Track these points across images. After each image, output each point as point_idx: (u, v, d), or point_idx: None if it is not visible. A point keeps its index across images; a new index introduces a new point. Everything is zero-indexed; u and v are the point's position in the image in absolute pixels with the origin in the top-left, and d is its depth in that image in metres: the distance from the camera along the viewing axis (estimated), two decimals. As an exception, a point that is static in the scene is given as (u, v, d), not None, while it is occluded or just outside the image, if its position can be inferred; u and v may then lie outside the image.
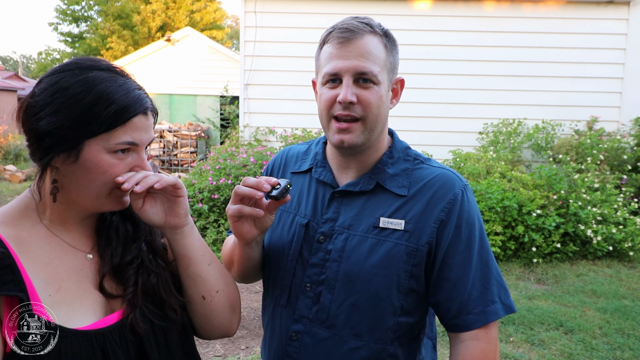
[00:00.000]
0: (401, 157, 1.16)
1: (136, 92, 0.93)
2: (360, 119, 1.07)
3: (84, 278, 0.95)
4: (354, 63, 1.05)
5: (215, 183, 5.60)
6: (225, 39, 32.91)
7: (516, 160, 6.49)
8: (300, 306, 1.13)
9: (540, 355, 3.34)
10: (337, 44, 1.07)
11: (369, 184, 1.13)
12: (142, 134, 0.94)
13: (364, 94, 1.06)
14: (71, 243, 0.96)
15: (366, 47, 1.05)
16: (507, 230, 5.10)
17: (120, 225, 1.03)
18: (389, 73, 1.10)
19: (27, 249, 0.90)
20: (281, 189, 1.00)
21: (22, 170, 11.46)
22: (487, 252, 1.12)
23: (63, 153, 0.89)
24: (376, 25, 1.09)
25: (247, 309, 4.15)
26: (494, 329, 1.10)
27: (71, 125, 0.87)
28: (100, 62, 0.93)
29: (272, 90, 7.01)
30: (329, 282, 1.10)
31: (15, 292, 0.83)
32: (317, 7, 6.89)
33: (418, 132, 6.72)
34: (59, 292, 0.90)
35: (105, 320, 0.93)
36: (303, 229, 1.16)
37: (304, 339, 1.12)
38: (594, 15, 6.77)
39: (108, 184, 0.92)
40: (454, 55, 6.87)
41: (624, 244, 5.15)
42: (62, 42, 32.01)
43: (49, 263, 0.91)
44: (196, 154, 12.63)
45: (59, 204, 0.94)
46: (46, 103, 0.87)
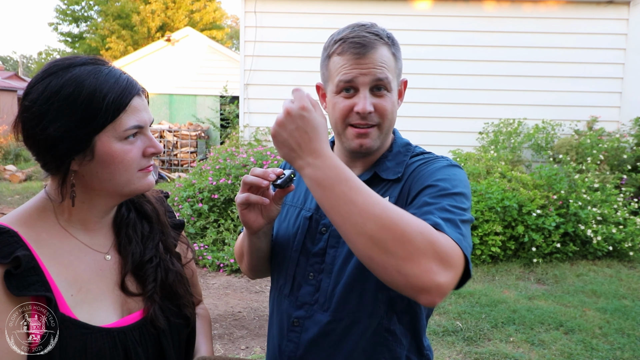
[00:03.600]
0: (401, 152, 1.21)
1: (124, 77, 0.94)
2: (376, 125, 1.12)
3: (103, 279, 0.97)
4: (371, 73, 1.10)
5: (215, 183, 5.60)
6: (225, 39, 32.91)
7: (516, 160, 6.49)
8: (302, 294, 1.17)
9: (540, 355, 3.34)
10: (352, 58, 1.10)
11: (366, 175, 1.18)
12: (143, 114, 0.96)
13: (380, 103, 1.11)
14: (89, 244, 0.98)
15: (380, 58, 1.10)
16: (507, 230, 5.10)
17: (138, 223, 1.06)
18: (397, 78, 1.16)
19: (48, 250, 0.90)
20: (285, 178, 1.04)
21: (22, 170, 11.45)
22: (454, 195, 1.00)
23: (78, 155, 0.89)
24: (383, 34, 1.13)
25: (247, 309, 4.15)
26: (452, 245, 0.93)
27: (78, 125, 0.87)
28: (76, 58, 0.93)
29: (272, 90, 7.01)
30: (327, 267, 1.15)
31: (43, 292, 0.84)
32: (317, 7, 6.89)
33: (418, 132, 6.71)
34: (80, 292, 0.92)
35: (126, 319, 0.96)
36: (307, 221, 1.20)
37: (305, 323, 1.15)
38: (594, 15, 6.77)
39: (130, 169, 0.94)
40: (454, 55, 6.87)
41: (624, 244, 5.15)
42: (62, 42, 32.03)
43: (69, 264, 0.93)
44: (196, 154, 12.63)
45: (82, 204, 0.95)
46: (44, 111, 0.87)
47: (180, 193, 5.79)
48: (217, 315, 3.99)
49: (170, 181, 10.34)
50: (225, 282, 4.78)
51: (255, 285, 4.67)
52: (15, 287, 0.82)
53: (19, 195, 9.10)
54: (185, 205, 5.60)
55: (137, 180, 0.96)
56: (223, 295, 4.44)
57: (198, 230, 5.54)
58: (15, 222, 0.90)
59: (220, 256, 5.10)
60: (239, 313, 4.07)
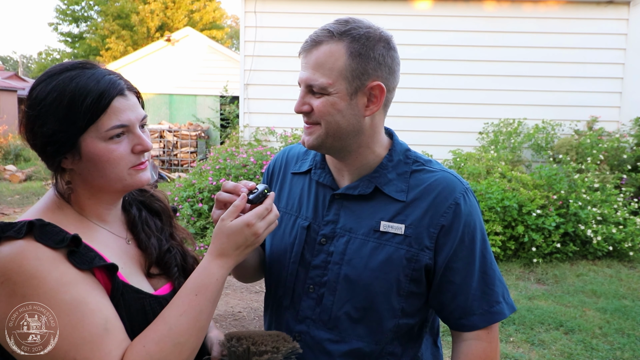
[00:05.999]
0: (401, 160, 1.15)
1: (107, 78, 0.97)
2: (318, 124, 1.08)
3: (130, 259, 1.06)
4: (305, 75, 1.07)
5: (215, 183, 5.60)
6: (225, 39, 32.90)
7: (516, 160, 6.49)
8: (303, 307, 1.15)
9: (540, 355, 3.34)
10: (302, 57, 1.09)
11: (367, 188, 1.12)
12: (128, 113, 0.98)
13: (315, 103, 1.07)
14: (111, 231, 1.06)
15: (319, 58, 1.05)
16: (507, 230, 5.10)
17: (150, 219, 1.15)
18: (350, 81, 1.04)
19: (82, 236, 0.96)
20: (257, 194, 1.04)
21: (22, 170, 11.45)
22: (489, 252, 1.13)
23: (67, 155, 0.96)
24: (339, 29, 1.05)
25: (247, 309, 4.15)
26: (496, 328, 1.12)
27: (60, 129, 0.93)
28: (67, 63, 0.99)
29: (272, 90, 7.01)
30: (331, 284, 1.12)
31: (105, 263, 0.94)
32: (317, 7, 6.89)
33: (418, 132, 6.72)
34: (124, 266, 1.01)
35: (160, 291, 1.07)
36: (305, 231, 1.16)
37: (306, 339, 1.13)
38: (594, 15, 6.77)
39: (119, 167, 0.98)
40: (454, 55, 6.87)
41: (624, 244, 5.15)
42: (62, 42, 32.01)
43: (104, 246, 1.00)
44: (196, 154, 12.63)
45: (89, 200, 1.02)
46: (35, 117, 0.95)
47: (180, 193, 5.79)
48: (217, 315, 3.99)
49: (170, 181, 10.34)
50: (225, 282, 4.78)
51: (256, 285, 4.67)
52: (80, 262, 0.91)
53: (19, 195, 9.10)
54: (185, 205, 5.60)
55: (129, 177, 1.00)
56: (223, 295, 4.44)
57: (198, 230, 5.54)
58: (41, 215, 0.96)
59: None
60: (239, 313, 4.07)
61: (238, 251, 1.01)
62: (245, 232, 0.99)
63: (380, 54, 1.06)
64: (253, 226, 0.99)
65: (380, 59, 1.06)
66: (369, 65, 1.04)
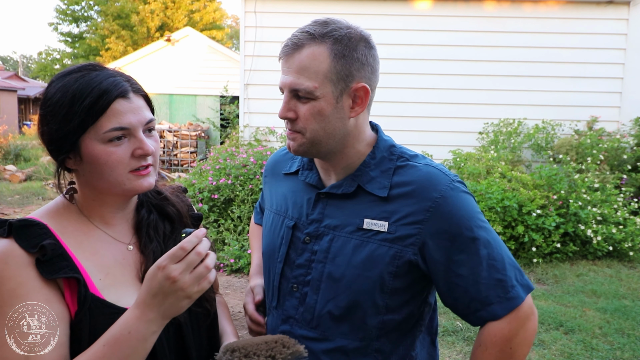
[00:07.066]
0: (385, 157, 1.13)
1: (110, 79, 0.96)
2: (300, 132, 1.07)
3: (126, 267, 1.03)
4: (289, 80, 1.04)
5: (215, 183, 5.60)
6: (225, 39, 32.90)
7: (516, 160, 6.49)
8: (287, 307, 1.15)
9: (540, 355, 3.34)
10: (282, 61, 1.07)
11: (350, 187, 1.12)
12: (129, 116, 0.96)
13: (301, 110, 1.05)
14: (113, 235, 1.04)
15: (302, 61, 1.03)
16: (507, 230, 5.10)
17: (160, 223, 1.10)
18: (336, 83, 1.03)
19: (75, 240, 0.97)
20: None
21: (22, 170, 11.45)
22: (493, 238, 1.08)
23: (69, 155, 0.97)
24: (321, 31, 1.04)
25: (247, 309, 4.14)
26: (517, 312, 1.06)
27: (60, 129, 0.94)
28: (78, 65, 1.00)
29: (272, 90, 7.00)
30: (314, 282, 1.11)
31: (73, 274, 0.91)
32: (317, 7, 6.89)
33: (418, 132, 6.72)
34: (107, 277, 0.98)
35: None
36: (290, 231, 1.17)
37: None
38: (594, 15, 6.77)
39: (117, 170, 0.97)
40: (454, 55, 6.87)
41: (624, 244, 5.15)
42: (62, 42, 32.00)
43: (96, 252, 0.99)
44: (196, 154, 12.63)
45: (93, 201, 1.02)
46: (42, 116, 0.98)
47: (180, 193, 5.78)
48: (217, 315, 3.98)
49: (170, 181, 10.33)
50: (225, 282, 4.78)
51: (255, 285, 4.66)
52: (46, 271, 0.90)
53: (19, 195, 9.09)
54: (185, 205, 5.59)
55: (129, 181, 0.98)
56: (223, 295, 4.44)
57: (198, 230, 5.54)
58: (43, 215, 0.99)
59: (220, 256, 5.10)
60: (239, 313, 4.06)
61: (156, 300, 0.87)
62: (158, 276, 0.86)
63: (363, 54, 1.05)
64: (164, 269, 0.86)
65: (362, 59, 1.05)
66: (352, 67, 1.04)
